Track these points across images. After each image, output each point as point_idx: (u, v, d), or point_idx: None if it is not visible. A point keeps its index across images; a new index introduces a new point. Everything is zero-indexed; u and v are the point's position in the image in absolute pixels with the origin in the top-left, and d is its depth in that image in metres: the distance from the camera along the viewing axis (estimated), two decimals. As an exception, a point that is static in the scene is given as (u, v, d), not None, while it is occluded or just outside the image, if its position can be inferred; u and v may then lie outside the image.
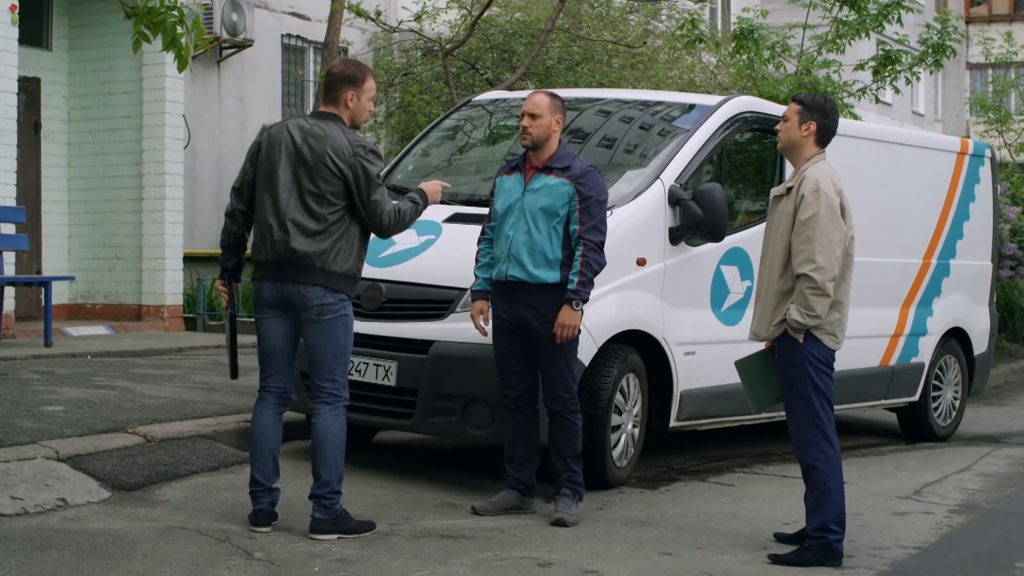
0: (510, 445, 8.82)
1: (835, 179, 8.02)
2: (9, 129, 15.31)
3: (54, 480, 8.47)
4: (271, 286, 7.91)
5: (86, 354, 14.06)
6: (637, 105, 11.12)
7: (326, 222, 7.83)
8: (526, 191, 8.60)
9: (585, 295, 8.47)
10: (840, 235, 7.84)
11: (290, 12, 21.65)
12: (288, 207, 7.83)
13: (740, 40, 16.68)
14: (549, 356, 8.57)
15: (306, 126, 7.90)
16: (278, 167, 7.88)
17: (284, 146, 7.88)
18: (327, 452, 7.97)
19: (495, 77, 19.01)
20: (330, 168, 7.78)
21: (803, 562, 7.90)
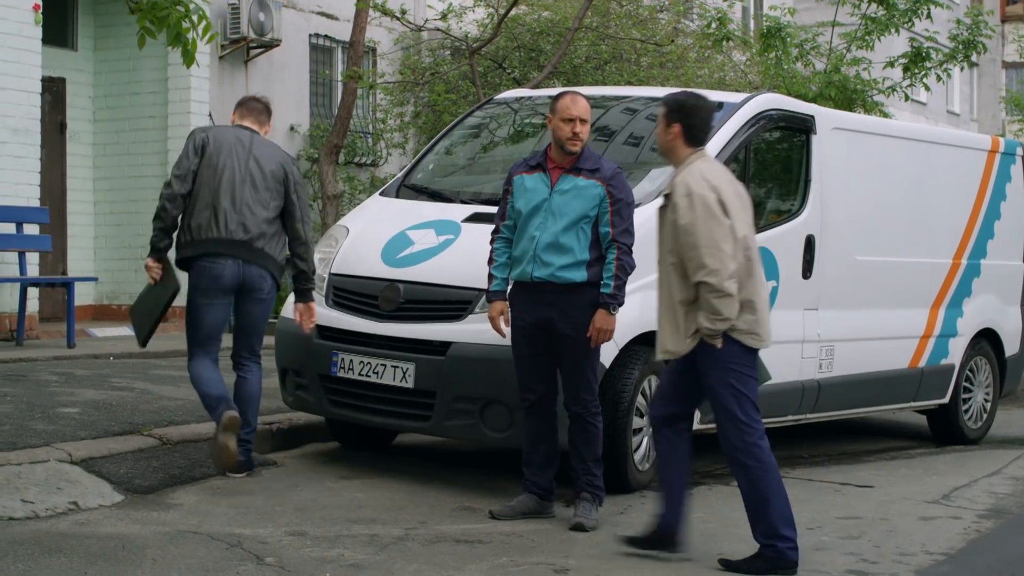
0: (528, 449, 8.68)
1: (710, 176, 7.68)
2: (33, 129, 15.26)
3: (66, 483, 8.38)
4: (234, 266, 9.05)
5: (108, 355, 13.99)
6: (653, 102, 10.89)
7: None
8: (554, 192, 8.44)
9: (621, 299, 8.36)
10: (723, 232, 7.51)
11: (318, 12, 21.57)
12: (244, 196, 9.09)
13: (767, 38, 16.52)
14: (573, 358, 8.43)
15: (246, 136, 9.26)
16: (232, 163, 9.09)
17: (234, 146, 9.16)
18: (256, 402, 9.35)
19: (522, 76, 18.90)
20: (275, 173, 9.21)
21: (752, 570, 7.68)
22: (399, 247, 9.57)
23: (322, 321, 9.59)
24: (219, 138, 9.17)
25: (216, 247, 9.00)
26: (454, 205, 10.05)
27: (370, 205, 10.66)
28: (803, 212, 10.79)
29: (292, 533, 7.86)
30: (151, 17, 6.49)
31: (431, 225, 9.72)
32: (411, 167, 11.03)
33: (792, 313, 10.64)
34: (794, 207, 10.81)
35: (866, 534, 8.64)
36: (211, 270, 9.01)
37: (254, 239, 9.04)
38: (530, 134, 11.15)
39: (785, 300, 10.51)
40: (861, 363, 11.36)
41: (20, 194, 15.08)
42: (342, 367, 9.42)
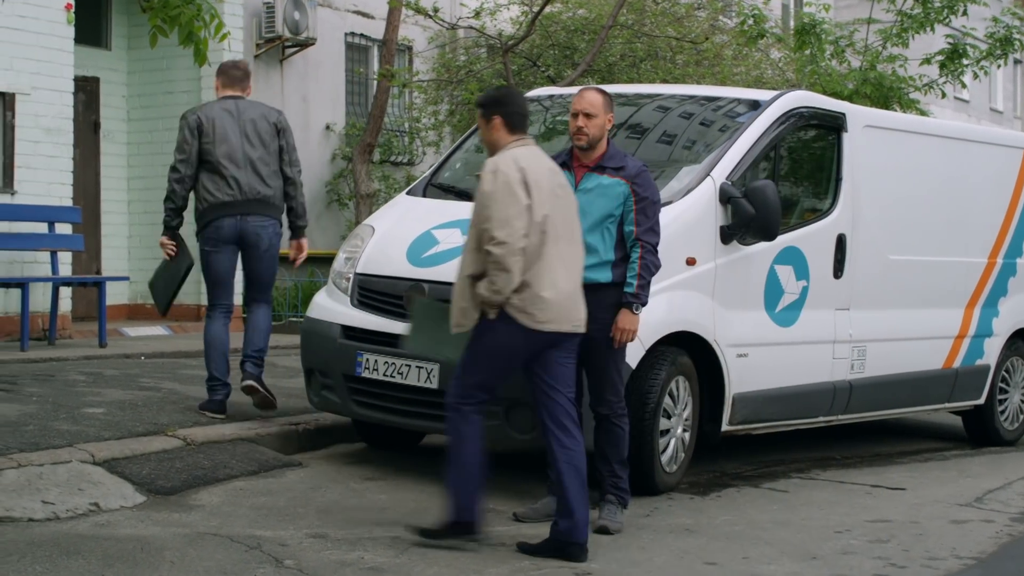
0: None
1: (522, 158, 7.71)
2: (65, 129, 15.26)
3: (88, 484, 8.34)
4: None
5: (140, 355, 13.97)
6: (689, 100, 10.88)
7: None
8: (578, 191, 8.34)
9: (645, 298, 8.25)
10: (518, 209, 7.52)
11: (354, 10, 21.54)
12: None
13: (802, 35, 16.38)
14: (598, 359, 8.34)
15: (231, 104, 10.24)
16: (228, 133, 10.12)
17: (225, 118, 10.15)
18: (264, 333, 10.42)
19: (556, 74, 18.81)
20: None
21: (540, 552, 7.68)
22: (424, 246, 9.49)
23: (347, 321, 9.54)
24: (210, 115, 10.17)
25: (224, 210, 10.16)
26: (481, 204, 9.96)
27: (396, 204, 10.59)
28: (834, 211, 10.67)
29: (313, 535, 7.79)
30: (163, 16, 6.43)
31: (457, 224, 9.61)
32: (438, 166, 10.97)
33: (823, 313, 10.53)
34: (825, 206, 10.70)
35: (895, 537, 8.52)
36: (217, 227, 10.19)
37: (266, 194, 10.23)
38: (560, 132, 11.05)
39: (816, 300, 10.40)
40: (894, 364, 11.24)
41: (53, 193, 15.08)
42: (367, 367, 9.36)
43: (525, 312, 7.62)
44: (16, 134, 14.77)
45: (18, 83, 14.76)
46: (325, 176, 21.09)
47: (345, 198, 20.49)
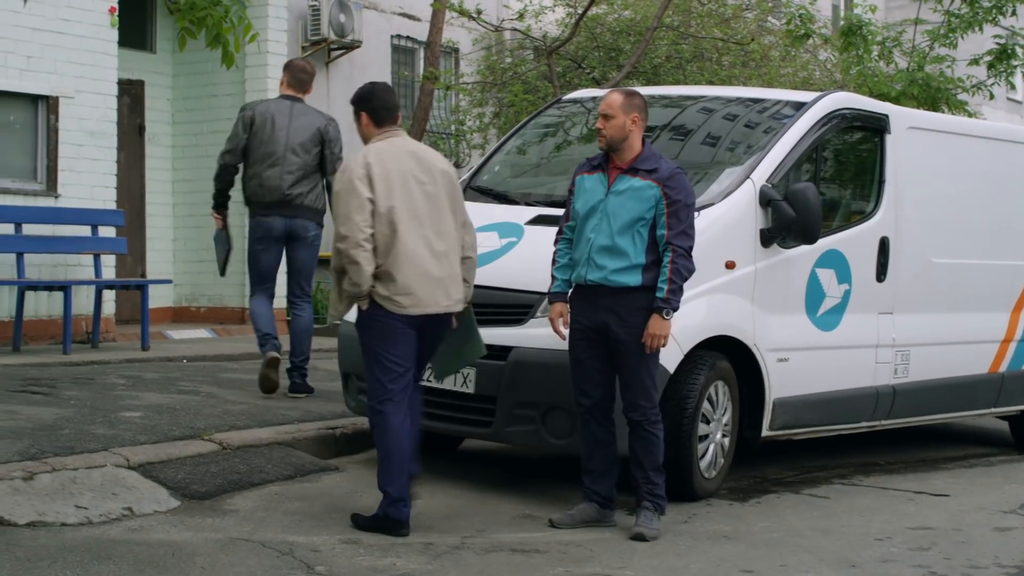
0: (587, 456, 8.51)
1: (375, 153, 8.03)
2: (109, 132, 15.28)
3: (122, 489, 8.30)
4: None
5: (182, 358, 13.97)
6: (731, 102, 10.77)
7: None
8: (610, 193, 8.26)
9: (675, 303, 8.13)
10: (357, 204, 7.84)
11: (400, 13, 21.51)
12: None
13: (847, 36, 16.23)
14: (629, 363, 8.25)
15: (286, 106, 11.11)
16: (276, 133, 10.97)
17: (277, 117, 11.00)
18: (307, 335, 11.35)
19: (601, 76, 18.72)
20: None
21: (365, 526, 7.98)
22: (462, 250, 9.42)
23: (384, 325, 9.47)
24: (264, 114, 11.06)
25: (266, 207, 11.14)
26: (519, 207, 9.92)
27: (434, 207, 10.51)
28: (877, 213, 10.56)
29: (346, 541, 7.74)
30: (190, 18, 6.39)
31: (494, 227, 9.57)
32: (477, 168, 10.92)
33: (865, 317, 10.42)
34: (868, 208, 10.59)
35: (937, 545, 8.39)
36: (263, 224, 11.21)
37: (296, 196, 11.06)
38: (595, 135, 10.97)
39: (858, 304, 10.29)
40: (938, 368, 11.11)
41: (96, 196, 15.10)
42: (403, 372, 9.28)
43: (389, 299, 7.94)
44: (60, 137, 14.79)
45: (62, 86, 14.79)
46: (371, 179, 21.01)
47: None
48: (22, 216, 14.16)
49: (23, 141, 14.72)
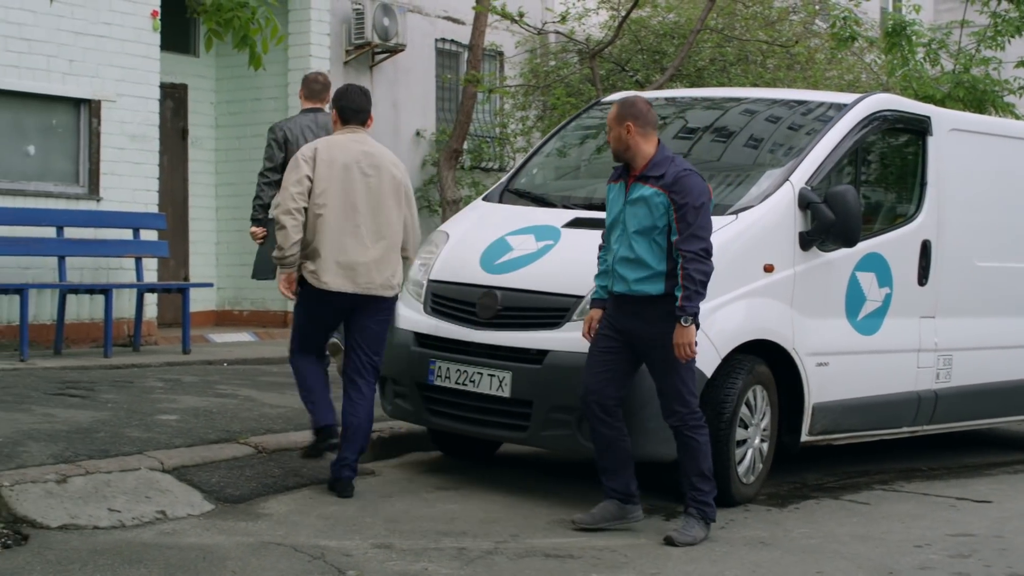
0: (599, 454, 8.43)
1: (327, 142, 8.99)
2: (151, 135, 15.33)
3: (155, 492, 8.29)
4: None
5: (223, 361, 13.98)
6: (771, 104, 10.67)
7: None
8: (626, 202, 8.21)
9: (692, 309, 7.96)
10: (295, 178, 8.78)
11: (444, 16, 21.45)
12: None
13: (891, 37, 16.09)
14: (660, 369, 8.18)
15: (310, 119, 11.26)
16: None
17: (306, 133, 11.01)
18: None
19: (645, 79, 18.62)
20: None
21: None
22: (498, 253, 9.38)
23: (420, 328, 9.45)
24: (294, 130, 11.14)
25: None
26: (556, 210, 9.86)
27: (472, 210, 10.49)
28: (919, 216, 10.45)
29: (378, 545, 7.69)
30: (217, 19, 6.37)
31: (531, 230, 9.52)
32: (515, 171, 10.87)
33: (907, 321, 10.30)
34: (909, 211, 10.48)
35: (977, 552, 8.27)
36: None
37: None
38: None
39: (899, 307, 10.17)
40: (981, 373, 10.98)
41: (138, 200, 15.15)
42: (439, 375, 9.25)
43: (313, 274, 8.80)
44: (102, 141, 14.87)
45: (104, 90, 14.85)
46: (415, 182, 21.02)
47: (435, 205, 20.42)
48: (64, 219, 14.22)
49: (65, 145, 14.78)
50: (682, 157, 8.56)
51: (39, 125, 14.61)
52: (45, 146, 14.65)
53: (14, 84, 14.21)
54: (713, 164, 10.11)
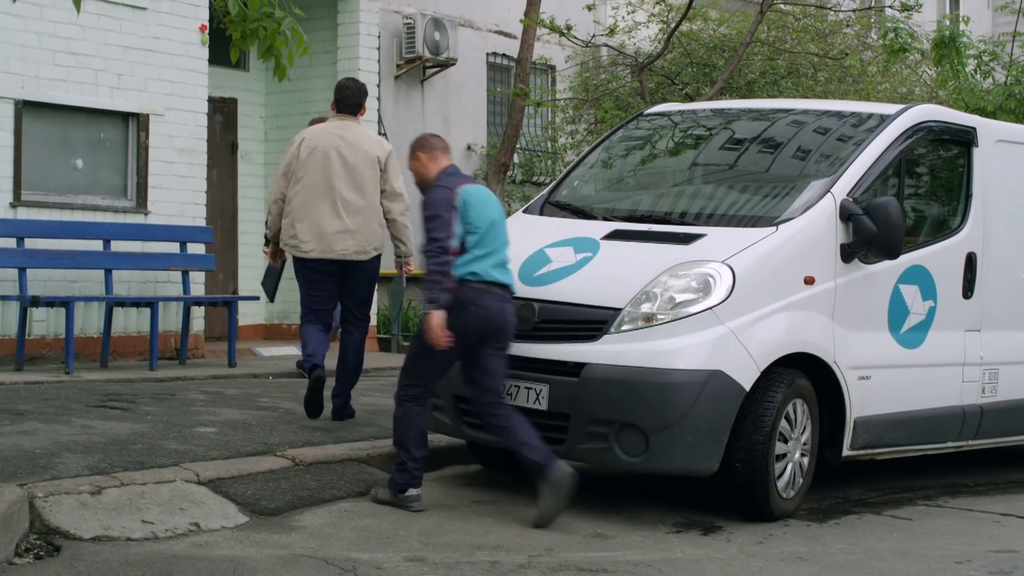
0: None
1: (313, 131, 10.76)
2: (199, 149, 15.37)
3: (190, 504, 8.27)
4: None
5: (268, 375, 13.98)
6: (815, 115, 10.57)
7: None
8: None
9: (430, 297, 8.56)
10: (282, 172, 10.70)
11: (495, 30, 21.49)
12: None
13: (940, 48, 15.94)
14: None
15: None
16: None
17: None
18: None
19: (694, 91, 18.55)
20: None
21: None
22: (537, 265, 9.33)
23: (459, 341, 9.38)
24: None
25: None
26: (596, 222, 9.81)
27: (512, 222, 10.38)
28: (964, 228, 10.33)
29: (410, 559, 7.64)
30: (243, 29, 6.36)
31: (570, 243, 9.47)
32: (556, 183, 10.81)
33: (952, 334, 10.18)
34: (954, 223, 10.36)
35: (1019, 568, 8.13)
36: None
37: None
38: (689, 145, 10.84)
39: (944, 321, 10.05)
40: (1028, 388, 10.83)
41: (186, 213, 15.20)
42: (476, 388, 9.19)
43: (295, 247, 10.52)
44: (150, 155, 14.93)
45: (152, 104, 14.91)
46: (467, 197, 21.00)
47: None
48: (111, 232, 14.27)
49: (113, 158, 14.85)
50: (463, 174, 9.11)
51: (87, 139, 14.68)
52: (93, 160, 14.72)
53: (62, 98, 14.29)
54: (757, 175, 10.05)
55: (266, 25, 6.32)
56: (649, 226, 9.49)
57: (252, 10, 6.29)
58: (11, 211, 13.78)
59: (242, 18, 6.31)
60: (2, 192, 13.77)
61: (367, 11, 17.49)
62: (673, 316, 8.63)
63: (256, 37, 6.33)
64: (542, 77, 22.05)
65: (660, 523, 8.78)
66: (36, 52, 14.02)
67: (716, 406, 8.53)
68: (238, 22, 6.35)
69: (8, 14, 13.71)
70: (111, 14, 14.54)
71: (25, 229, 13.63)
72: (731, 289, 8.66)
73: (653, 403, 8.50)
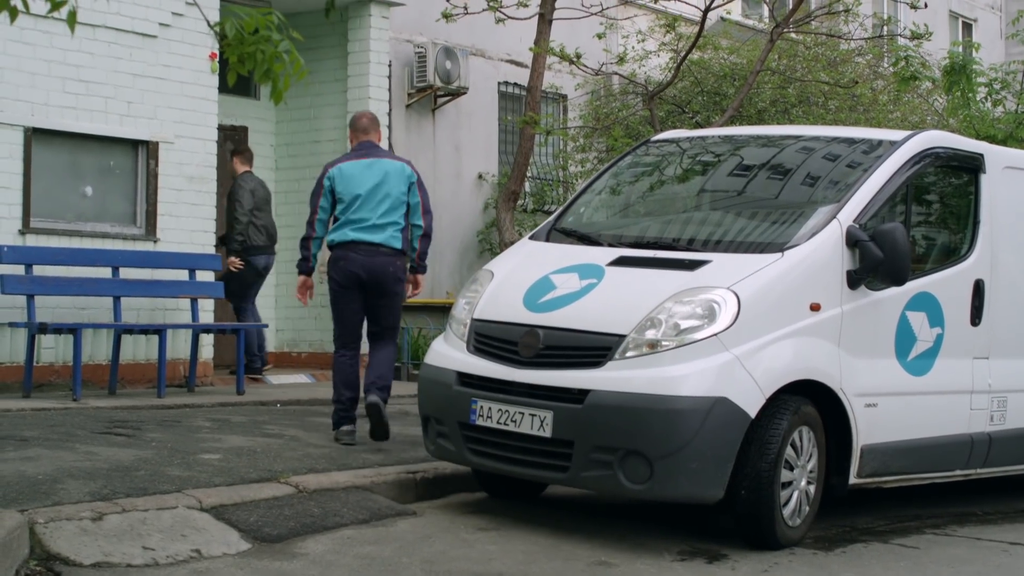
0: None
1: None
2: (208, 177, 15.39)
3: (192, 530, 8.23)
4: None
5: (276, 402, 13.95)
6: (822, 141, 10.55)
7: None
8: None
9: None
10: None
11: (507, 59, 21.50)
12: None
13: (950, 76, 15.91)
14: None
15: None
16: None
17: None
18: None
19: (704, 120, 18.54)
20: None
21: None
22: (542, 291, 9.30)
23: (463, 368, 9.36)
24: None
25: None
26: (602, 248, 9.77)
27: (518, 249, 10.42)
28: (971, 255, 10.28)
29: (411, 585, 7.60)
30: (239, 52, 6.35)
31: (575, 269, 9.43)
32: (563, 210, 10.78)
33: (960, 362, 10.12)
34: (962, 250, 10.31)
35: (1027, 598, 8.08)
36: None
37: None
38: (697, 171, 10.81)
39: (951, 348, 9.99)
40: (1038, 415, 10.76)
41: (195, 241, 15.20)
42: (481, 415, 9.16)
43: None
44: (159, 182, 14.94)
45: (162, 132, 14.92)
46: (477, 225, 21.04)
47: (497, 247, 20.40)
48: (120, 260, 14.27)
49: (123, 186, 14.86)
50: (358, 151, 11.46)
51: (97, 166, 14.69)
52: (102, 187, 14.73)
53: (72, 125, 14.31)
54: (764, 201, 10.02)
55: (264, 48, 6.31)
56: (655, 252, 9.45)
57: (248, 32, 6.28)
58: (20, 238, 13.79)
59: (239, 41, 6.30)
60: (11, 219, 13.78)
61: (378, 40, 17.50)
62: (678, 342, 8.59)
63: (254, 60, 6.33)
64: (553, 106, 22.06)
65: (665, 551, 8.72)
66: (46, 80, 14.05)
67: (721, 433, 8.47)
68: (235, 45, 6.35)
69: (19, 42, 13.75)
70: (121, 42, 14.56)
71: (34, 256, 13.63)
72: (736, 315, 8.62)
73: (658, 430, 8.44)
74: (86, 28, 14.13)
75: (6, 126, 13.76)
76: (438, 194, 20.16)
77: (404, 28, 19.55)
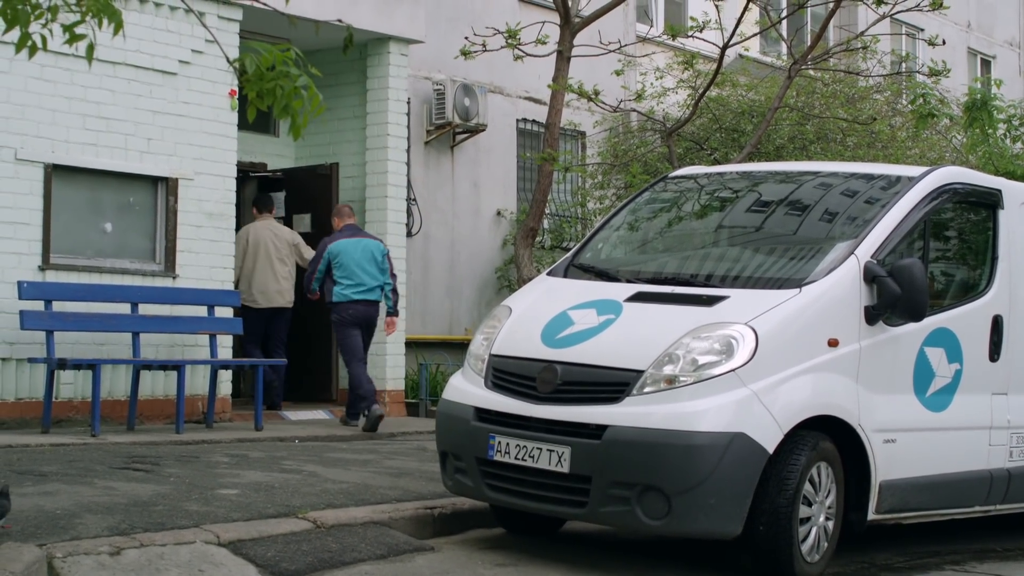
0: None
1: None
2: (227, 213, 15.44)
3: (209, 565, 8.22)
4: None
5: (294, 438, 13.97)
6: (837, 177, 10.55)
7: None
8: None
9: None
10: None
11: (525, 96, 21.57)
12: None
13: (971, 112, 15.91)
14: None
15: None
16: None
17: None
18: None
19: (722, 156, 18.56)
20: None
21: None
22: (559, 327, 9.30)
23: (480, 403, 9.36)
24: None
25: None
26: (619, 284, 9.77)
27: (536, 285, 10.44)
28: (990, 291, 10.27)
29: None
30: (259, 88, 6.40)
31: (593, 305, 9.44)
32: (581, 246, 10.79)
33: (978, 398, 10.10)
34: (980, 285, 10.30)
35: (1047, 635, 8.04)
36: None
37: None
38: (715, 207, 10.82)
39: (970, 384, 9.97)
40: (1057, 452, 10.72)
41: (214, 277, 15.25)
42: (499, 450, 9.15)
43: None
44: (179, 219, 14.99)
45: (181, 168, 15.00)
46: (496, 261, 21.07)
47: (515, 283, 20.41)
48: (139, 296, 14.32)
49: (142, 222, 14.92)
50: (345, 231, 14.44)
51: (116, 203, 14.76)
52: (122, 223, 14.79)
53: (92, 162, 14.39)
54: (782, 237, 10.02)
55: (283, 84, 6.35)
56: (673, 288, 9.45)
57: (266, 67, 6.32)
58: (40, 274, 13.85)
59: (259, 77, 6.34)
60: (31, 255, 13.84)
61: (396, 77, 17.57)
62: (696, 378, 8.58)
63: (273, 96, 6.37)
64: (572, 143, 22.10)
65: (683, 587, 8.71)
66: (66, 116, 14.13)
67: (739, 469, 8.45)
68: (255, 81, 6.39)
69: (40, 79, 13.83)
70: (141, 79, 14.65)
71: (53, 292, 13.69)
72: (754, 351, 8.61)
73: (675, 466, 8.43)
74: (106, 65, 14.21)
75: (27, 162, 13.84)
76: (456, 231, 20.22)
77: (423, 65, 19.62)
